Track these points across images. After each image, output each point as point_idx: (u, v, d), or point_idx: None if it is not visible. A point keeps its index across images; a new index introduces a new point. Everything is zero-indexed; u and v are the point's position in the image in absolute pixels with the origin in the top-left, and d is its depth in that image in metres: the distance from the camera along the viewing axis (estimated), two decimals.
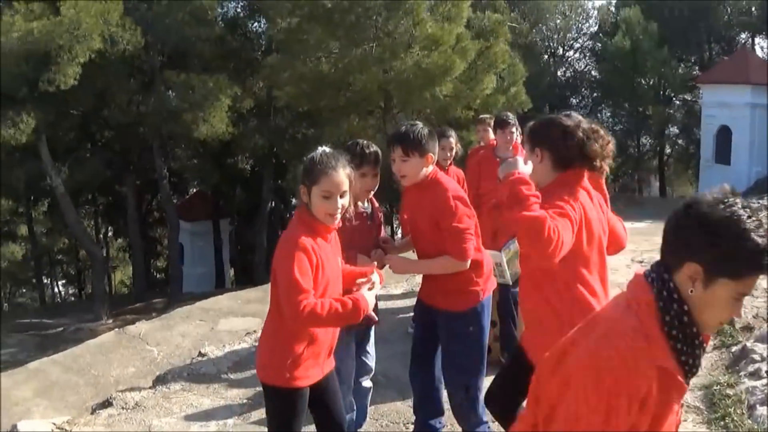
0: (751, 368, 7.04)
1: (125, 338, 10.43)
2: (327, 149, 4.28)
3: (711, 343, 7.94)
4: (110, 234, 51.30)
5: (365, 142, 5.34)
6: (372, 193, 5.43)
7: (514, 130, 8.38)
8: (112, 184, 38.90)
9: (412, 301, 9.77)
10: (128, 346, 10.05)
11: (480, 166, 8.51)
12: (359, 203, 5.29)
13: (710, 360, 7.54)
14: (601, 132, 4.31)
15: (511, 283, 6.33)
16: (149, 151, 33.74)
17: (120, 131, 33.50)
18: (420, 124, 5.14)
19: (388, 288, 10.98)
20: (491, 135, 9.00)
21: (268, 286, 11.48)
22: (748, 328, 8.10)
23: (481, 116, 10.09)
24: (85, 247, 35.67)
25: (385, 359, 7.73)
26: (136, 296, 36.83)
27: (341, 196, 4.15)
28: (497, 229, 7.19)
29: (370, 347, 5.87)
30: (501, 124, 8.44)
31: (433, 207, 5.03)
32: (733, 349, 7.66)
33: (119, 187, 38.50)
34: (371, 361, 5.92)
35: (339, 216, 4.21)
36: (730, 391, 6.63)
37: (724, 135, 33.56)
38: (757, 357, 7.19)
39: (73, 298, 50.35)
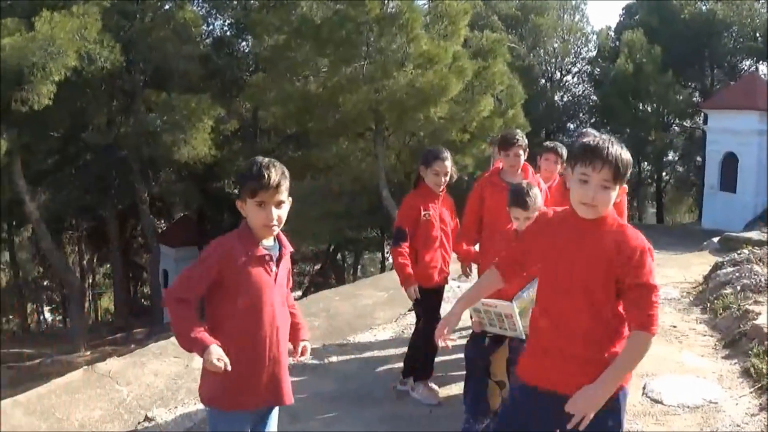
0: None
1: (94, 377, 9.01)
2: None
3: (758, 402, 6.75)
4: (96, 260, 49.90)
5: (267, 160, 3.86)
6: (278, 228, 3.98)
7: (521, 152, 7.05)
8: (95, 209, 37.48)
9: (401, 350, 8.29)
10: (96, 385, 8.68)
11: (483, 192, 7.14)
12: (261, 243, 3.94)
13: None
14: None
15: (524, 337, 5.16)
16: (131, 175, 32.45)
17: (100, 154, 32.23)
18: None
19: (374, 330, 9.64)
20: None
21: None
22: None
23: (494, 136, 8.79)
24: (60, 275, 34.27)
25: (369, 423, 6.61)
26: (118, 325, 35.73)
27: None
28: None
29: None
30: (504, 144, 7.13)
31: (615, 253, 3.49)
32: None
33: (102, 211, 37.15)
34: None
35: None
36: None
37: (729, 162, 32.17)
38: None
39: (61, 325, 48.98)
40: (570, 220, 3.70)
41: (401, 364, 7.47)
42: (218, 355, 3.70)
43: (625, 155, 3.54)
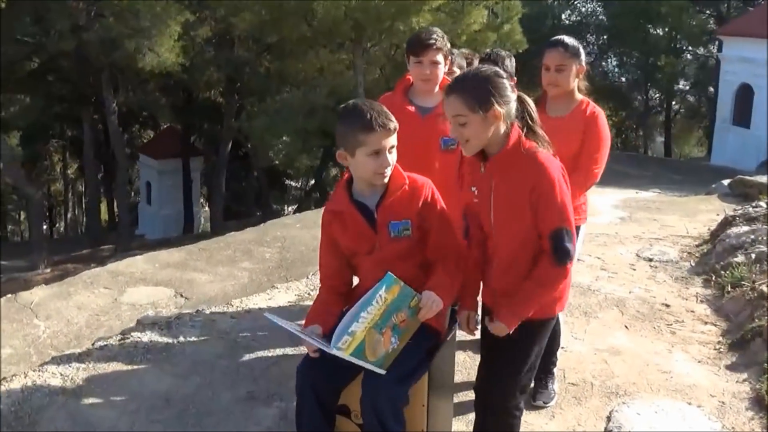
0: None
1: (14, 308, 8.29)
2: None
3: None
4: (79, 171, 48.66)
5: None
6: None
7: (439, 57, 4.90)
8: (78, 118, 35.88)
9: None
10: (15, 318, 7.96)
11: None
12: None
13: None
14: None
15: (382, 372, 3.59)
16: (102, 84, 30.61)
17: (72, 61, 30.05)
18: None
19: (275, 291, 7.59)
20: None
21: (193, 248, 10.28)
22: None
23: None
24: (18, 188, 32.65)
25: None
26: (88, 240, 34.70)
27: None
28: None
29: None
30: (415, 48, 4.96)
31: None
32: None
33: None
34: None
35: None
36: None
37: (744, 94, 29.91)
38: None
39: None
40: None
41: (277, 351, 5.63)
42: None
43: None
